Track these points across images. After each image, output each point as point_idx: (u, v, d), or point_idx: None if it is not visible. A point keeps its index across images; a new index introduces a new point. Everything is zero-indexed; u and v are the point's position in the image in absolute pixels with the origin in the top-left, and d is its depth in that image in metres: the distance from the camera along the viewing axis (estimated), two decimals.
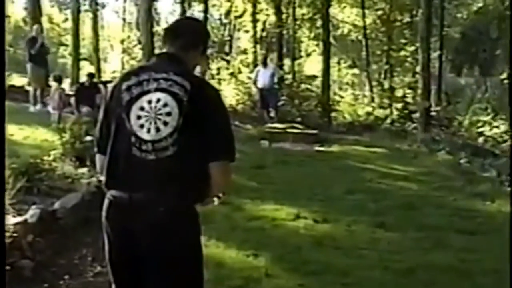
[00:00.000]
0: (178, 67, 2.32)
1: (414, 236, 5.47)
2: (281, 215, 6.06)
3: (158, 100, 2.23)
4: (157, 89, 2.25)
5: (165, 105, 2.22)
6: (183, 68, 2.34)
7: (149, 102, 2.24)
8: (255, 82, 14.92)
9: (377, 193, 7.45)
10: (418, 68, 15.20)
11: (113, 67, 26.40)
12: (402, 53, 20.77)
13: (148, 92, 2.26)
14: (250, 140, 11.74)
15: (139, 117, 2.24)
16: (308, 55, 24.11)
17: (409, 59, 20.31)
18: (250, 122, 14.75)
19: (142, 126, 2.22)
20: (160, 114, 2.21)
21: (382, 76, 22.10)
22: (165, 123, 2.20)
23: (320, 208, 6.42)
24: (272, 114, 14.45)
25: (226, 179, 2.29)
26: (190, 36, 2.42)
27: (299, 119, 15.49)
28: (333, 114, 17.60)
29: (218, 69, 20.72)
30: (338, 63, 25.50)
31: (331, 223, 5.90)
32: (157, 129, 2.20)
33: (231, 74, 20.07)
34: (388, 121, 16.61)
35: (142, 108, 2.24)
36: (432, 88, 16.58)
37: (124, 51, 24.81)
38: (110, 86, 2.45)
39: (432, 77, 16.18)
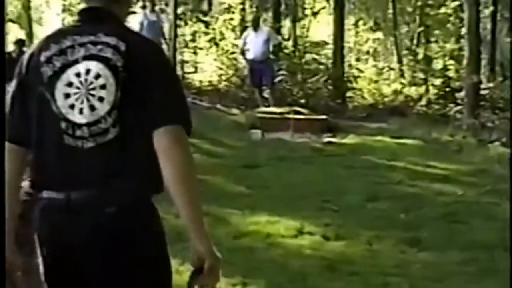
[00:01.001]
0: (108, 24, 2.33)
1: (457, 258, 5.52)
2: (279, 230, 6.10)
3: (88, 71, 2.25)
4: (85, 57, 2.27)
5: (97, 76, 2.24)
6: (114, 25, 2.35)
7: (77, 75, 2.26)
8: (243, 52, 14.89)
9: (408, 199, 7.50)
10: (463, 31, 15.23)
11: (50, 30, 26.30)
12: (442, 10, 20.77)
13: (74, 62, 2.27)
14: (236, 129, 11.75)
15: (67, 96, 2.25)
16: (315, 14, 24.07)
17: (451, 18, 20.33)
18: (237, 105, 14.76)
19: (72, 106, 2.24)
20: (93, 88, 2.23)
21: (415, 42, 22.14)
22: (101, 99, 2.22)
23: (332, 221, 6.46)
24: (266, 94, 14.45)
25: (180, 150, 2.16)
26: None
27: (303, 101, 15.52)
28: (349, 93, 17.62)
29: (194, 33, 20.64)
30: (355, 25, 25.49)
31: (347, 241, 5.94)
32: (92, 108, 2.22)
33: (211, 40, 20.02)
34: (423, 102, 16.64)
35: (69, 84, 2.26)
36: (483, 57, 16.61)
37: (64, 9, 24.70)
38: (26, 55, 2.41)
39: (483, 43, 16.21)
